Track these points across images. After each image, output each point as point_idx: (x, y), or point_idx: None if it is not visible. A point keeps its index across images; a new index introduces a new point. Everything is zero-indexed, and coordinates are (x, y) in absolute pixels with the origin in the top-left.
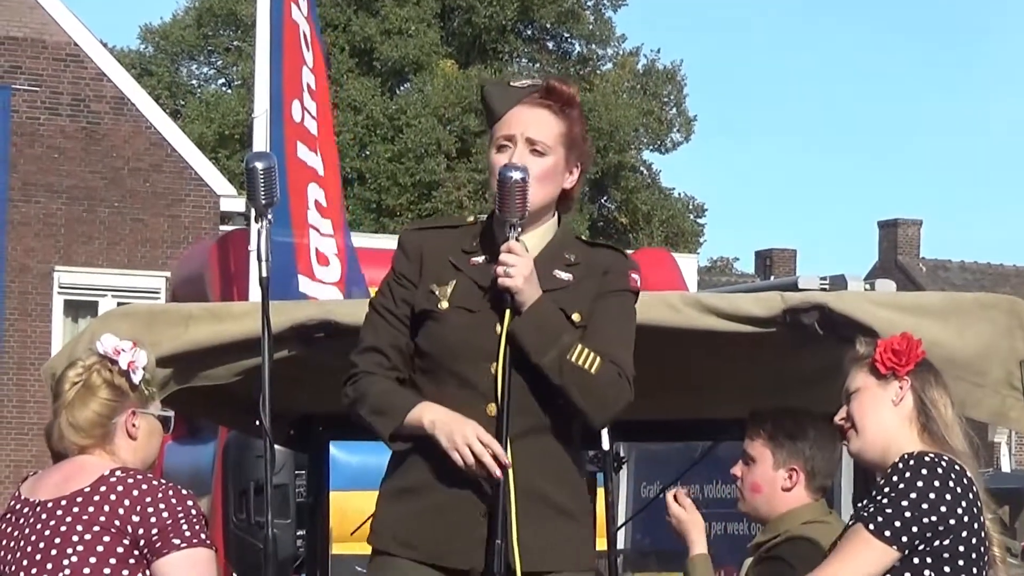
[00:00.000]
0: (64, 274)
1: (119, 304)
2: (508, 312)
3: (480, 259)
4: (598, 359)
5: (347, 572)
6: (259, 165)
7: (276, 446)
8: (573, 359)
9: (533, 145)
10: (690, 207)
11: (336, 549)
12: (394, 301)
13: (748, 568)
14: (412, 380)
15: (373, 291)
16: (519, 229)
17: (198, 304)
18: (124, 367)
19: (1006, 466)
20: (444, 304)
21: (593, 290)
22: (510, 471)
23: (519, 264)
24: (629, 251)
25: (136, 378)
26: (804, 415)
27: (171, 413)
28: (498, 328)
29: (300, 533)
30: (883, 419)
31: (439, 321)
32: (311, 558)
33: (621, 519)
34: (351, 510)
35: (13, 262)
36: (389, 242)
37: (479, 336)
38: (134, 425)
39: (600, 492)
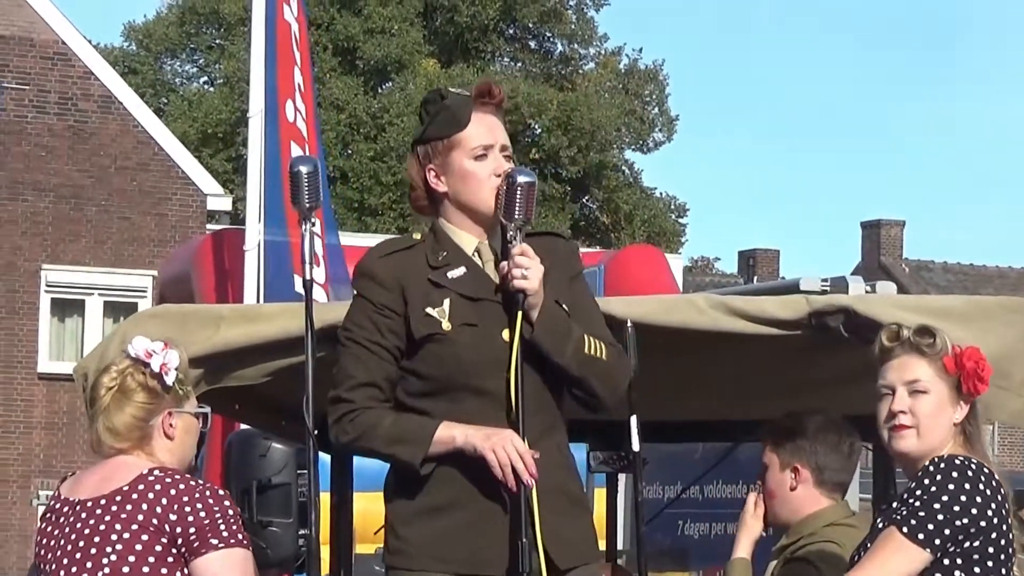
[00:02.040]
0: (51, 272)
1: (106, 303)
2: (520, 314)
3: (457, 271)
4: (601, 345)
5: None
6: (304, 169)
7: (277, 445)
8: (586, 351)
9: (505, 151)
10: (672, 207)
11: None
12: (380, 333)
13: (773, 571)
14: (408, 407)
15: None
16: (522, 232)
17: (230, 305)
18: (156, 370)
19: None
20: (447, 324)
21: (563, 279)
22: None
23: (534, 266)
24: (612, 250)
25: (169, 379)
26: (805, 414)
27: (207, 409)
28: (505, 335)
29: (302, 532)
30: (945, 427)
31: (445, 343)
32: (335, 557)
33: (620, 520)
34: (369, 511)
35: (0, 260)
36: (372, 240)
37: (489, 347)
38: (171, 425)
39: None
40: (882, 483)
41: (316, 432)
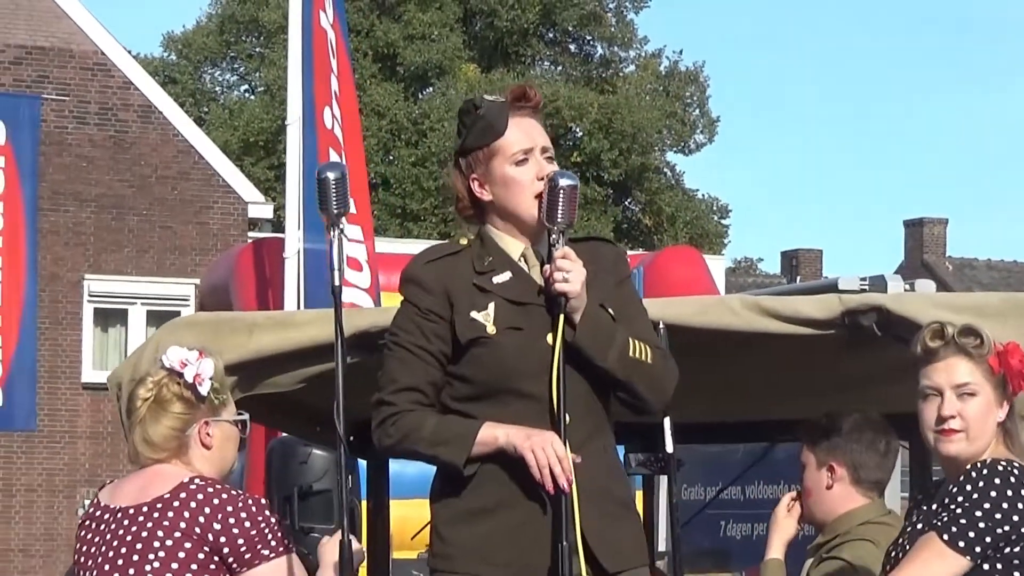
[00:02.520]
0: (94, 282)
1: (148, 312)
2: (561, 317)
3: (503, 276)
4: (647, 348)
5: None
6: (331, 175)
7: (318, 451)
8: (631, 354)
9: (547, 153)
10: (714, 208)
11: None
12: (425, 337)
13: (808, 569)
14: (454, 411)
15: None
16: (566, 236)
17: (263, 312)
18: (190, 380)
19: None
20: (492, 329)
21: (609, 283)
22: (576, 475)
23: (575, 269)
24: (651, 252)
25: (203, 390)
26: (842, 413)
27: (246, 416)
28: (549, 339)
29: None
30: (992, 428)
31: (490, 346)
32: (372, 564)
33: (659, 521)
34: (407, 518)
35: (43, 271)
36: (414, 247)
37: (535, 351)
38: (208, 435)
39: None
40: (919, 482)
41: (351, 438)
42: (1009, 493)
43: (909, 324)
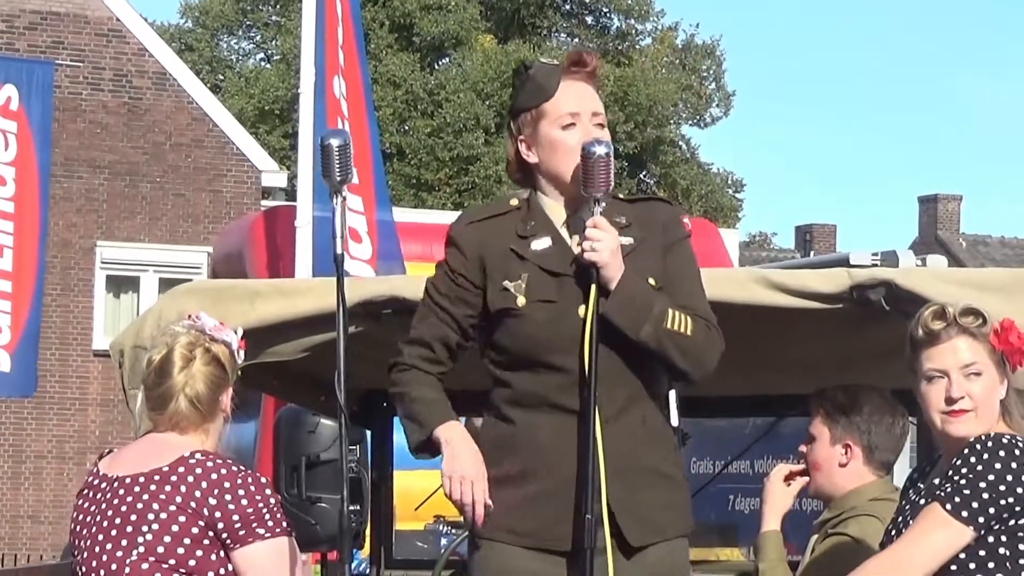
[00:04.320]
0: (106, 249)
1: (161, 280)
2: (594, 288)
3: (542, 243)
4: (688, 319)
5: (409, 548)
6: (334, 142)
7: (326, 421)
8: (668, 326)
9: (597, 118)
10: (729, 182)
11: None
12: (448, 298)
13: (814, 544)
14: (496, 376)
15: (410, 266)
16: (602, 204)
17: (264, 280)
18: (236, 346)
19: None
20: (521, 300)
21: (658, 247)
22: (604, 448)
23: (605, 239)
24: None
25: (240, 358)
26: (860, 389)
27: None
28: (581, 311)
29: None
30: (996, 405)
31: (520, 318)
32: (376, 534)
33: None
34: (411, 488)
35: (55, 237)
36: (429, 216)
37: (566, 325)
38: (232, 402)
39: None
40: (926, 457)
41: (354, 408)
42: (1014, 465)
43: (917, 299)
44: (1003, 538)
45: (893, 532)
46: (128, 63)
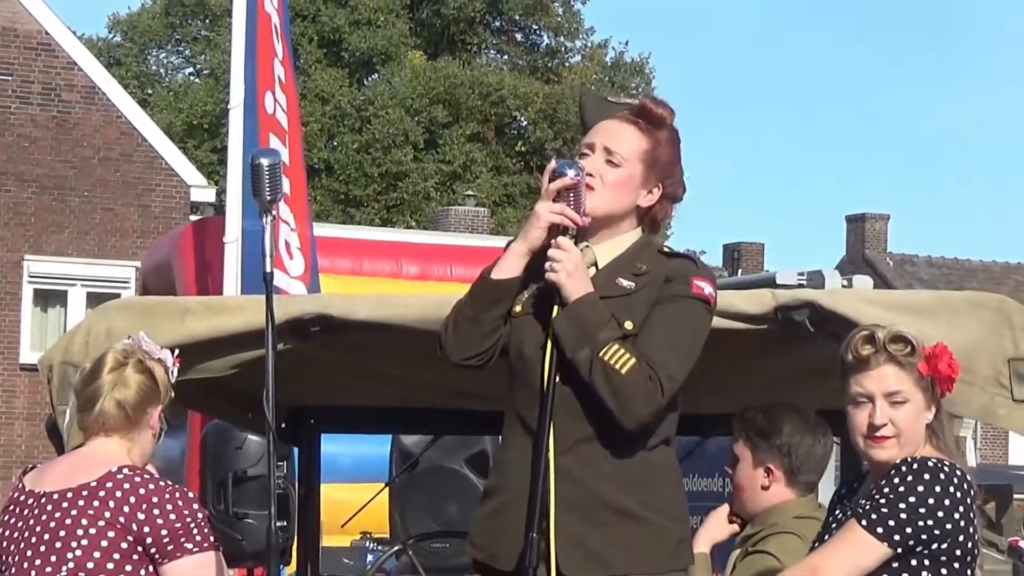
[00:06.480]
0: (34, 263)
1: (89, 294)
2: (556, 308)
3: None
4: (632, 360)
5: (335, 564)
6: (264, 161)
7: (253, 437)
8: (604, 356)
9: (609, 155)
10: None
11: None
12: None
13: (735, 561)
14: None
15: (339, 281)
16: (575, 229)
17: (195, 298)
18: (170, 364)
19: (971, 460)
20: (517, 308)
21: (652, 297)
22: (557, 479)
23: (564, 259)
24: None
25: (173, 378)
26: (780, 411)
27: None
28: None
29: (279, 524)
30: (922, 432)
31: (512, 326)
32: (302, 550)
33: None
34: (339, 502)
35: None
36: (355, 232)
37: (537, 337)
38: (159, 420)
39: None
40: (852, 474)
41: (282, 424)
42: (937, 489)
43: (842, 320)
44: (926, 562)
45: (815, 547)
46: (57, 77)
